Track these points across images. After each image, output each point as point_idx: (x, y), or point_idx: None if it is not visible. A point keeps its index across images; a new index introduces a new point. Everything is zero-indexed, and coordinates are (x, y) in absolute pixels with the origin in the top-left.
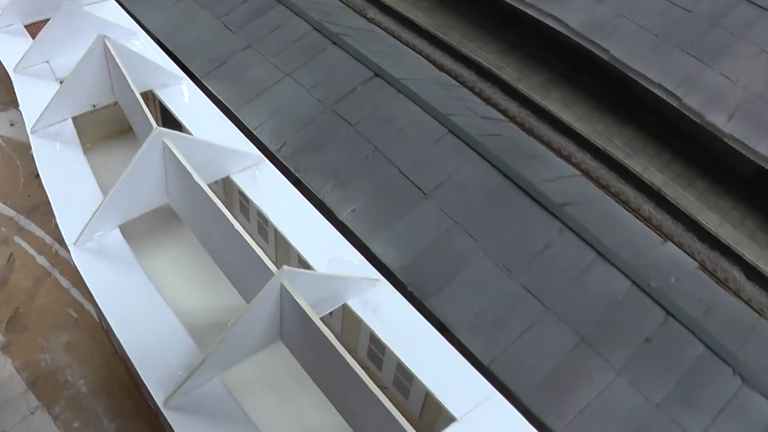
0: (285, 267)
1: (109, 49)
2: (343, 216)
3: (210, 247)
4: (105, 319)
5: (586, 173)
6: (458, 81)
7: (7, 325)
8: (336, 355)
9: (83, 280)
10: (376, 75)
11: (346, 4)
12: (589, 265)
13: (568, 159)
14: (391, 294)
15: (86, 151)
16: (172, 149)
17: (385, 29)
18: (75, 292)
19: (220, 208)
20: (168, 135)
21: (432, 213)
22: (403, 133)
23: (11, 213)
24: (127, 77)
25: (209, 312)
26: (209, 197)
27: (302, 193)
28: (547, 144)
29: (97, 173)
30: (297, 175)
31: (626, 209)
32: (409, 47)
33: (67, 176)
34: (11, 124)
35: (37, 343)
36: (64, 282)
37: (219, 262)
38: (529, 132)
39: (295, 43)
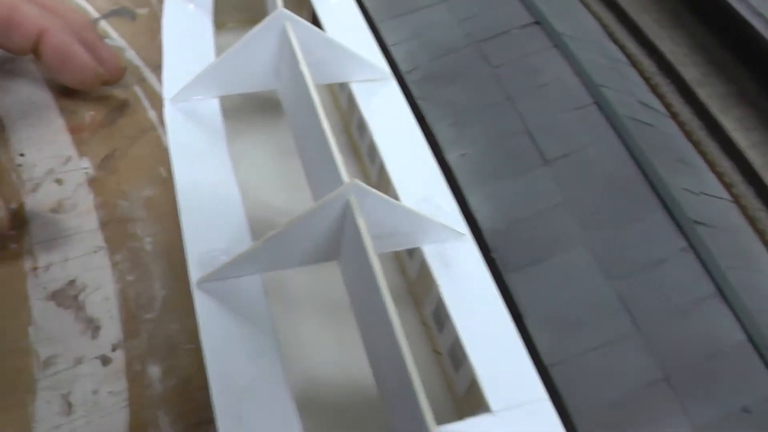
0: (355, 180)
1: None
2: (450, 156)
3: (300, 145)
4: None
5: (736, 199)
6: (634, 66)
7: (101, 161)
8: (378, 298)
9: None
10: (537, 22)
11: None
12: (703, 299)
13: (720, 177)
14: (472, 253)
15: (222, 28)
16: (289, 33)
17: (580, 1)
18: None
19: (315, 103)
20: (290, 18)
21: (545, 183)
22: (544, 90)
23: (139, 63)
24: None
25: (279, 213)
26: (308, 89)
27: (418, 122)
28: (711, 164)
29: (221, 51)
30: (418, 102)
31: None
32: (593, 15)
33: (188, 39)
34: None
35: (120, 188)
36: (166, 141)
37: (304, 162)
38: (694, 144)
39: None
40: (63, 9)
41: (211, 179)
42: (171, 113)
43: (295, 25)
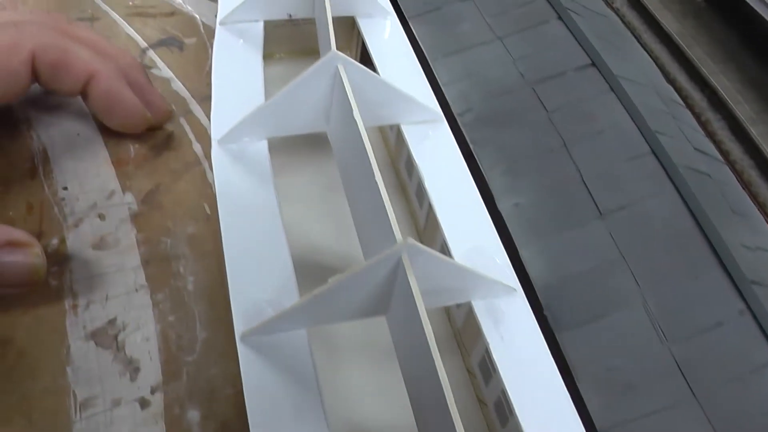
0: (409, 239)
1: None
2: (503, 206)
3: (349, 192)
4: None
5: None
6: (684, 101)
7: (145, 195)
8: (427, 357)
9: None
10: (593, 64)
11: None
12: (764, 366)
13: None
14: (523, 310)
15: (270, 59)
16: (342, 76)
17: (627, 26)
18: None
19: (368, 152)
20: (344, 61)
21: (601, 237)
22: (599, 137)
23: (186, 95)
24: (326, 1)
25: (327, 255)
26: (361, 137)
27: (469, 167)
28: (762, 206)
29: (270, 84)
30: (471, 146)
31: None
32: (644, 47)
33: (238, 76)
34: (216, 17)
35: (164, 224)
36: (210, 176)
37: (353, 211)
38: (745, 185)
39: (518, 8)
40: (114, 50)
41: (258, 227)
42: (218, 155)
43: (348, 67)
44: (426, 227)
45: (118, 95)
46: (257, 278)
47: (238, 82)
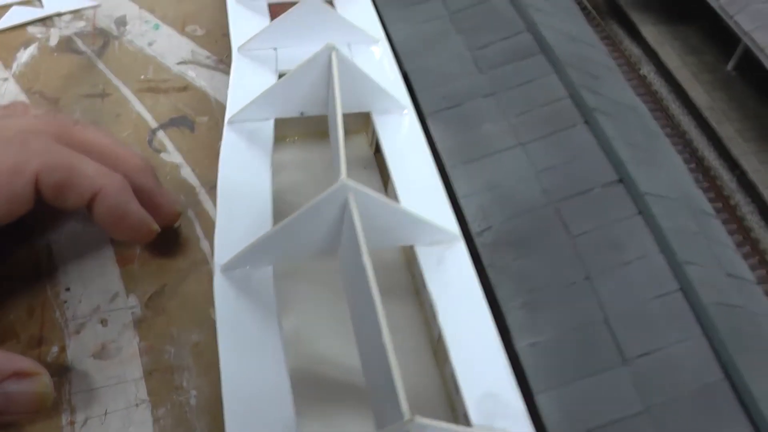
0: (417, 418)
1: (333, 63)
2: (520, 345)
3: (356, 330)
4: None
5: None
6: (713, 182)
7: (149, 299)
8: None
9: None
10: (621, 180)
11: (623, 53)
12: None
13: None
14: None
15: (282, 142)
16: (352, 210)
17: (654, 95)
18: None
19: (377, 304)
20: (354, 191)
21: (624, 387)
22: (626, 269)
23: (195, 182)
24: (338, 106)
25: (330, 365)
26: (370, 284)
27: (486, 292)
28: None
29: (283, 170)
30: (488, 271)
31: None
32: (673, 129)
33: (245, 188)
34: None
35: (168, 332)
36: None
37: (361, 355)
38: None
39: (543, 107)
40: (122, 153)
41: (259, 365)
42: (221, 284)
43: (359, 198)
44: (440, 339)
45: (124, 210)
46: (256, 423)
47: (244, 197)
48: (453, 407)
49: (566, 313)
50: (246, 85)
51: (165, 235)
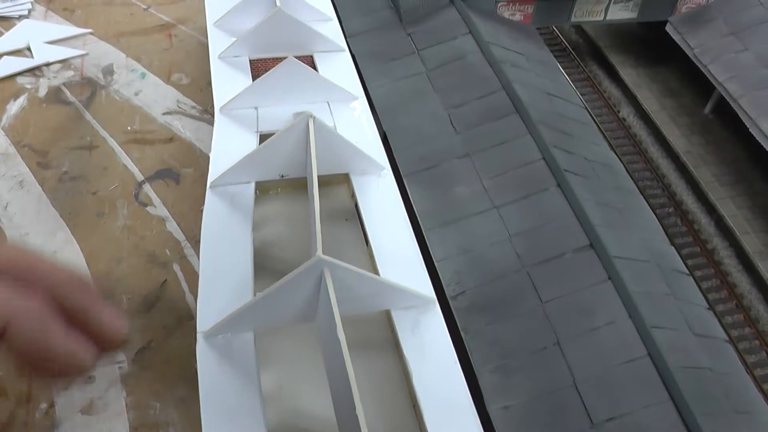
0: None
1: (310, 130)
2: (492, 408)
3: (332, 391)
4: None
5: None
6: (691, 226)
7: (136, 354)
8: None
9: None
10: (591, 246)
11: (602, 95)
12: None
13: None
14: None
15: (266, 195)
16: (328, 284)
17: (633, 138)
18: None
19: (349, 374)
20: (329, 266)
21: None
22: (595, 335)
23: (181, 237)
24: (314, 174)
25: (312, 420)
26: (345, 359)
27: (460, 354)
28: (762, 336)
29: (268, 223)
30: (463, 335)
31: None
32: (652, 173)
33: (226, 252)
34: None
35: (154, 387)
36: None
37: (336, 415)
38: (752, 323)
39: (517, 170)
40: (47, 270)
41: (241, 422)
42: (203, 351)
43: (334, 272)
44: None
45: (43, 343)
46: None
47: (226, 262)
48: None
49: (537, 377)
50: (228, 146)
51: (151, 287)
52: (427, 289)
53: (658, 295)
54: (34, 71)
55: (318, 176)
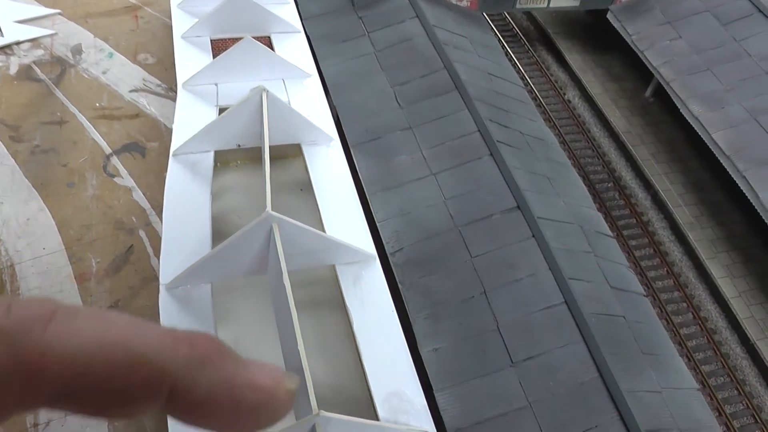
0: (322, 412)
1: (263, 103)
2: (424, 351)
3: (280, 338)
4: None
5: (717, 347)
6: (628, 200)
7: None
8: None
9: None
10: (518, 207)
11: (550, 79)
12: None
13: (703, 322)
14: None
15: (226, 167)
16: (276, 239)
17: (577, 119)
18: None
19: (293, 316)
20: (277, 221)
21: (511, 385)
22: (517, 285)
23: (146, 205)
24: (266, 143)
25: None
26: (289, 305)
27: (398, 305)
28: (696, 309)
29: (229, 192)
30: (400, 287)
31: None
32: (594, 151)
33: (187, 216)
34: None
35: None
36: None
37: (284, 360)
38: (681, 287)
39: (454, 140)
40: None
41: None
42: (165, 301)
43: (282, 227)
44: (356, 368)
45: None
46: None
47: (187, 223)
48: (373, 404)
49: (465, 322)
50: (189, 118)
51: (119, 251)
52: (369, 246)
53: (578, 252)
54: (4, 50)
55: (272, 146)
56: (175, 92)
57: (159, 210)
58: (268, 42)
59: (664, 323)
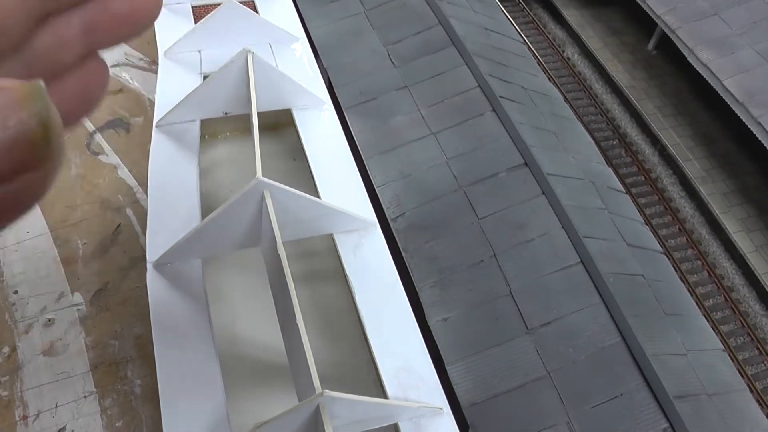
0: (326, 392)
1: (249, 66)
2: (432, 322)
3: (278, 315)
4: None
5: (735, 305)
6: (635, 156)
7: (92, 296)
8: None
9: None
10: (525, 164)
11: (547, 36)
12: None
13: (719, 280)
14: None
15: (214, 139)
16: (269, 207)
17: (577, 76)
18: None
19: (291, 290)
20: (269, 187)
21: (528, 354)
22: (529, 247)
23: (132, 182)
24: (253, 107)
25: (261, 348)
26: (286, 278)
27: (403, 275)
28: (711, 267)
29: (217, 166)
30: (404, 254)
31: None
32: (596, 108)
33: (174, 188)
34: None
35: (112, 327)
36: None
37: (283, 337)
38: (694, 244)
39: (453, 98)
40: None
41: (191, 355)
42: (153, 279)
43: (274, 193)
44: (362, 346)
45: None
46: (188, 397)
47: (174, 197)
48: (380, 381)
49: (474, 289)
50: (172, 88)
51: (106, 232)
52: (369, 213)
53: (591, 209)
54: None
55: (262, 114)
56: (158, 66)
57: (146, 187)
58: (252, 6)
59: None
